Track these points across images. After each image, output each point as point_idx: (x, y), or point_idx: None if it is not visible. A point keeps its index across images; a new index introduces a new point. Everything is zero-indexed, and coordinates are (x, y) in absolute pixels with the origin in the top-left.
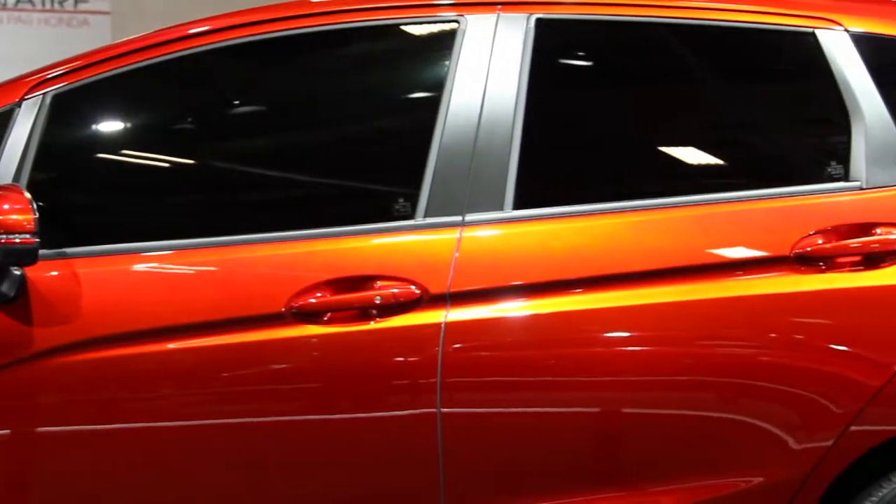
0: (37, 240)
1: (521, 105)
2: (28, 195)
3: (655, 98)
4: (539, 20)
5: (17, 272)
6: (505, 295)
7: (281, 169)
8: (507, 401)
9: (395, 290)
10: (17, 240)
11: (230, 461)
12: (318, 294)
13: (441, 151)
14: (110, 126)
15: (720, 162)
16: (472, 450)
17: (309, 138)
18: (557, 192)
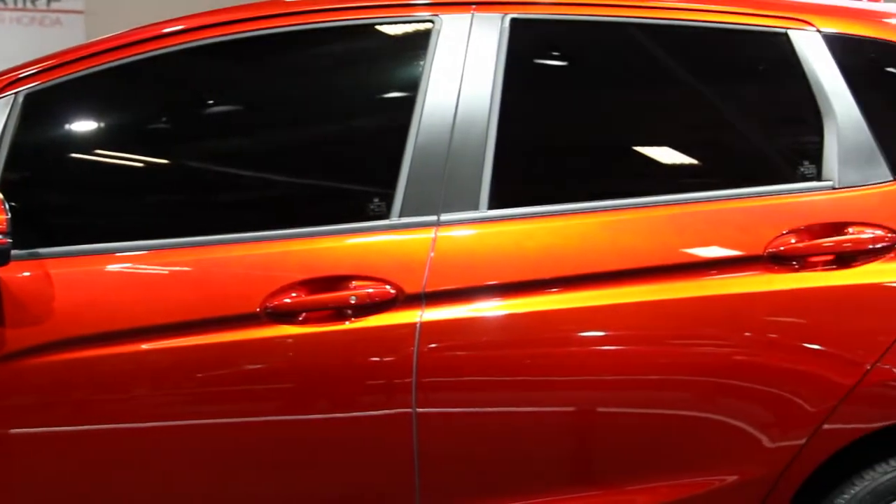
0: (9, 240)
1: (496, 105)
2: (0, 195)
3: (630, 98)
4: (514, 20)
5: None
6: (480, 295)
7: (256, 169)
8: (483, 401)
9: (371, 290)
10: None
11: (205, 462)
12: (294, 294)
13: (416, 151)
14: (83, 126)
15: (694, 162)
16: (448, 450)
17: (284, 138)
18: (532, 192)
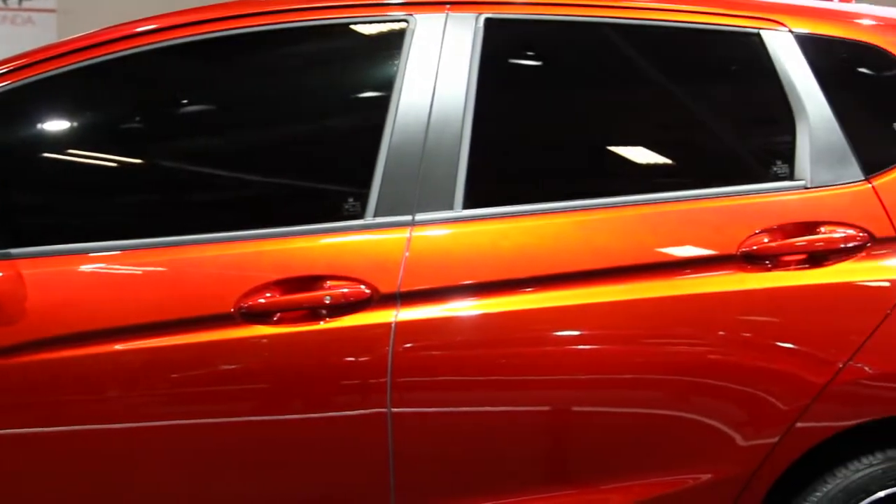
0: None
1: (471, 105)
2: None
3: (604, 98)
4: (488, 20)
5: None
6: (455, 294)
7: (229, 169)
8: (458, 400)
9: (345, 290)
10: None
11: (179, 462)
12: (268, 294)
13: (390, 151)
14: (55, 126)
15: (668, 161)
16: (423, 449)
17: (257, 138)
18: (507, 192)
